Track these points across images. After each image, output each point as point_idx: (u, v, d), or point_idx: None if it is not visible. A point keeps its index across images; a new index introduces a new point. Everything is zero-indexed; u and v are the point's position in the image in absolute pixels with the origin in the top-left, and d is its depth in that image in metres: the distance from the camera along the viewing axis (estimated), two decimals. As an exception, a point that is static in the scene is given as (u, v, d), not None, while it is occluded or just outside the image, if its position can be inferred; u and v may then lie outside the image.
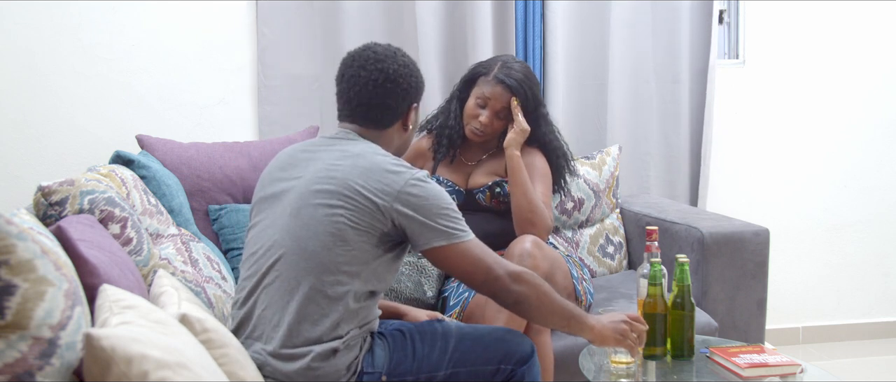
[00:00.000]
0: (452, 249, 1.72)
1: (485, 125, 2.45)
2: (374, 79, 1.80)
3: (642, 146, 3.38)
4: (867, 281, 3.67)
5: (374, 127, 1.85)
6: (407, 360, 1.77)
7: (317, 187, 1.72)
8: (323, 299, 1.67)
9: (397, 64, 1.82)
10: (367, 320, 1.75)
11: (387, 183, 1.70)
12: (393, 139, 1.89)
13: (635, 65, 3.35)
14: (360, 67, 1.81)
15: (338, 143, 1.81)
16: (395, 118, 1.86)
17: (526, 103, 2.44)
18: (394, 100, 1.83)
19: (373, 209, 1.68)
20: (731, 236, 2.61)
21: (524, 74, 2.46)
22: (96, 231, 1.70)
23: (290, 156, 1.86)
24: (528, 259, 2.15)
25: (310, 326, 1.67)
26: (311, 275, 1.68)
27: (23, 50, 2.84)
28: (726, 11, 3.56)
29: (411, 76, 1.85)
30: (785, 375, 1.92)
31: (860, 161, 3.62)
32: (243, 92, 3.05)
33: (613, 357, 1.90)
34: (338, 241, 1.68)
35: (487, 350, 1.80)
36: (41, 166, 2.87)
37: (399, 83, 1.82)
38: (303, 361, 1.65)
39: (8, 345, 1.11)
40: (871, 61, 3.57)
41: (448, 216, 1.72)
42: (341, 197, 1.69)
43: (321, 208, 1.70)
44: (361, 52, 1.84)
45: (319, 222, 1.69)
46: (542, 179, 2.50)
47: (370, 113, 1.83)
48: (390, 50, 1.85)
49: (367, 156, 1.74)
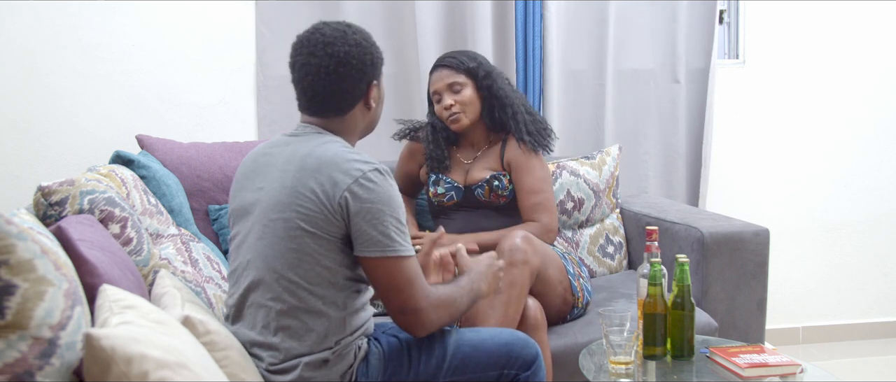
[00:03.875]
0: (383, 263, 1.60)
1: (453, 105, 2.49)
2: (325, 65, 1.68)
3: (642, 146, 3.38)
4: (867, 280, 3.67)
5: (335, 114, 1.74)
6: (403, 369, 1.71)
7: (273, 200, 1.65)
8: (303, 314, 1.63)
9: (348, 44, 1.69)
10: (357, 327, 1.70)
11: (336, 179, 1.60)
12: (357, 121, 1.78)
13: (635, 66, 3.35)
14: (310, 54, 1.69)
15: (292, 143, 1.72)
16: (355, 101, 1.75)
17: (468, 71, 2.50)
18: (350, 84, 1.71)
19: (323, 211, 1.60)
20: (731, 236, 2.60)
21: (455, 52, 2.59)
22: (96, 231, 1.70)
23: (253, 161, 1.79)
24: (518, 253, 2.15)
25: (296, 343, 1.63)
26: (286, 294, 1.62)
27: (23, 50, 2.84)
28: (726, 11, 3.56)
29: (365, 54, 1.72)
30: (785, 375, 1.91)
31: (860, 161, 3.62)
32: (243, 92, 3.06)
33: (613, 357, 1.90)
34: (301, 256, 1.61)
35: (488, 355, 1.74)
36: (41, 166, 2.87)
37: (352, 65, 1.70)
38: (294, 373, 1.62)
39: (8, 345, 1.11)
40: (871, 61, 3.57)
41: (394, 226, 1.61)
42: (293, 206, 1.62)
43: (278, 222, 1.63)
44: (310, 36, 1.72)
45: (280, 238, 1.62)
46: (543, 182, 2.50)
47: (327, 102, 1.73)
48: (340, 29, 1.72)
49: (316, 155, 1.64)
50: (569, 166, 2.94)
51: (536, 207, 2.47)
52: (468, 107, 2.51)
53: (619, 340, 1.88)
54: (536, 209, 2.47)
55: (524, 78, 3.23)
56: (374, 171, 1.62)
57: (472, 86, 2.51)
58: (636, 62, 3.35)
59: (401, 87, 3.19)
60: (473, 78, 2.51)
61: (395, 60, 3.17)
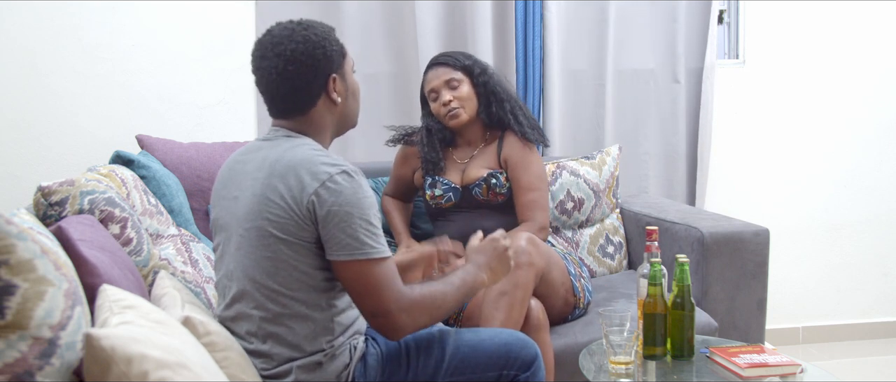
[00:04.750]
0: (351, 265, 1.56)
1: (451, 102, 2.49)
2: (274, 66, 1.65)
3: (642, 146, 3.38)
4: (867, 280, 3.67)
5: (298, 114, 1.71)
6: (401, 370, 1.70)
7: (245, 209, 1.63)
8: (288, 319, 1.61)
9: (295, 42, 1.65)
10: (346, 326, 1.68)
11: (303, 183, 1.57)
12: (324, 119, 1.73)
13: (634, 66, 3.35)
14: (261, 58, 1.67)
15: (264, 148, 1.70)
16: (314, 98, 1.70)
17: (464, 68, 2.52)
18: (302, 81, 1.67)
19: (292, 217, 1.57)
20: (731, 236, 2.60)
21: (450, 51, 2.62)
22: (96, 231, 1.70)
23: (229, 169, 1.77)
24: (523, 255, 2.15)
25: (287, 349, 1.62)
26: (269, 301, 1.61)
27: (23, 50, 2.84)
28: (726, 11, 3.56)
29: (315, 48, 1.66)
30: (785, 375, 1.91)
31: (860, 161, 3.62)
32: (243, 92, 3.06)
33: (613, 357, 1.90)
34: (277, 263, 1.59)
35: (488, 356, 1.74)
36: (41, 166, 2.87)
37: (302, 62, 1.65)
38: (289, 378, 1.61)
39: (8, 345, 1.11)
40: (871, 61, 3.57)
41: (365, 228, 1.56)
42: (263, 214, 1.59)
43: (251, 231, 1.61)
44: (262, 39, 1.69)
45: (255, 247, 1.61)
46: (540, 180, 2.51)
47: (286, 103, 1.69)
48: (288, 28, 1.68)
49: (285, 160, 1.61)
50: (569, 166, 2.94)
51: (531, 204, 2.47)
52: (466, 102, 2.51)
53: (619, 340, 1.88)
54: (531, 206, 2.47)
55: (524, 78, 3.22)
56: (342, 173, 1.58)
57: (469, 83, 2.52)
58: (636, 62, 3.35)
59: (401, 87, 3.19)
60: (469, 74, 2.52)
61: (395, 60, 3.17)
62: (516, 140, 2.53)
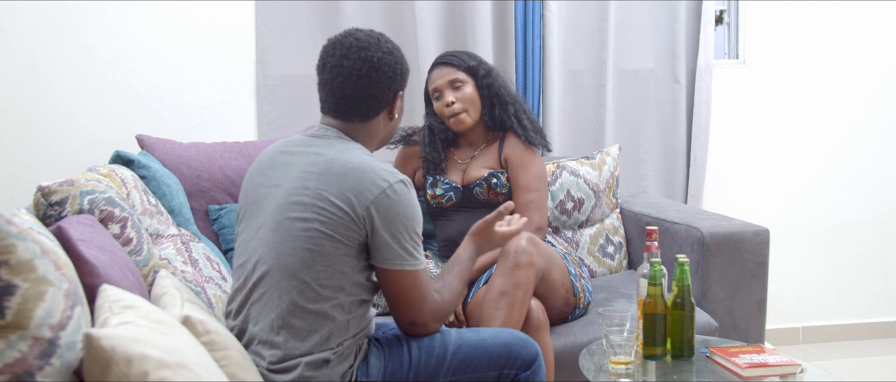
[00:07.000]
0: (399, 275, 1.66)
1: (454, 103, 2.49)
2: (357, 69, 1.70)
3: (642, 146, 3.38)
4: (867, 281, 3.67)
5: (359, 119, 1.76)
6: (402, 369, 1.72)
7: (292, 199, 1.66)
8: (309, 315, 1.63)
9: (381, 51, 1.73)
10: (360, 329, 1.71)
11: (363, 188, 1.63)
12: (378, 129, 1.81)
13: (635, 66, 3.35)
14: (343, 56, 1.72)
15: (315, 144, 1.74)
16: (381, 108, 1.77)
17: (468, 69, 2.51)
18: (378, 89, 1.74)
19: (346, 219, 1.62)
20: (731, 236, 2.60)
21: (455, 51, 2.60)
22: (96, 231, 1.70)
23: (270, 158, 1.80)
24: (523, 256, 2.15)
25: (299, 342, 1.63)
26: (295, 293, 1.63)
27: (23, 50, 2.84)
28: (726, 11, 3.56)
29: (396, 63, 1.75)
30: (785, 375, 1.91)
31: (860, 161, 3.62)
32: (243, 92, 3.06)
33: (613, 357, 1.90)
34: (317, 257, 1.62)
35: (488, 355, 1.75)
36: (41, 166, 2.87)
37: (384, 71, 1.72)
38: (295, 372, 1.62)
39: (8, 345, 1.11)
40: (872, 61, 3.57)
41: (413, 239, 1.66)
42: (315, 208, 1.63)
43: (297, 222, 1.64)
44: (343, 40, 1.74)
45: (296, 237, 1.63)
46: (539, 180, 2.51)
47: (354, 106, 1.74)
48: (373, 36, 1.75)
49: (342, 161, 1.66)
50: (569, 166, 2.94)
51: (529, 205, 2.47)
52: (470, 105, 2.50)
53: (619, 340, 1.88)
54: (528, 207, 2.46)
55: (524, 78, 3.23)
56: (400, 183, 1.66)
57: (473, 84, 2.51)
58: (636, 62, 3.35)
59: (401, 87, 3.19)
60: (474, 76, 2.52)
61: (394, 60, 3.17)
62: (518, 140, 2.53)
